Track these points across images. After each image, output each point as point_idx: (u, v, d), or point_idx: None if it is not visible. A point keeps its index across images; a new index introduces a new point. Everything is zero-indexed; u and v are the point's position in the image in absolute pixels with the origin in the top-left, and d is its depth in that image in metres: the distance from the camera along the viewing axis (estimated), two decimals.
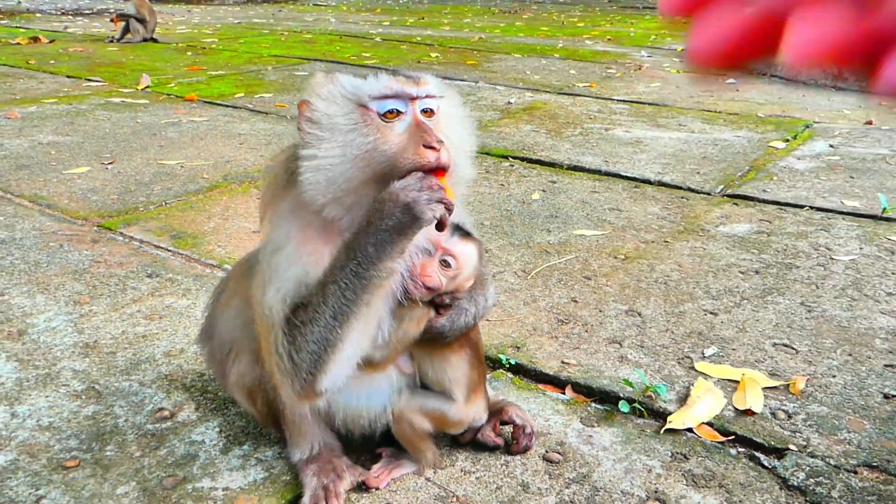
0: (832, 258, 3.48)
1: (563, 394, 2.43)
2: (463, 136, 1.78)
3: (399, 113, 1.64)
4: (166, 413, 2.28)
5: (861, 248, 3.59)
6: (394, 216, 1.56)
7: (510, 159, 5.07)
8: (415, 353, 1.95)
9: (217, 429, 2.21)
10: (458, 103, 1.82)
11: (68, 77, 7.86)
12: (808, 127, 6.06)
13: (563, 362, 2.58)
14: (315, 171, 1.61)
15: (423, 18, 15.24)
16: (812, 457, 2.11)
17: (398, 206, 1.56)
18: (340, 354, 1.64)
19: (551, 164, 4.96)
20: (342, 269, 1.61)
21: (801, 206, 4.18)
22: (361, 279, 1.60)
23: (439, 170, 1.62)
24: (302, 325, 1.62)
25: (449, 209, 1.59)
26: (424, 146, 1.60)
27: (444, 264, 1.80)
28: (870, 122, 6.20)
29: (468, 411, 2.01)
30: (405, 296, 1.78)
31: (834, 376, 2.52)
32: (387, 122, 1.63)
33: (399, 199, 1.56)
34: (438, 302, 1.83)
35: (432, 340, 1.88)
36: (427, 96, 1.67)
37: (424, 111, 1.67)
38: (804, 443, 2.17)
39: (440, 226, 1.60)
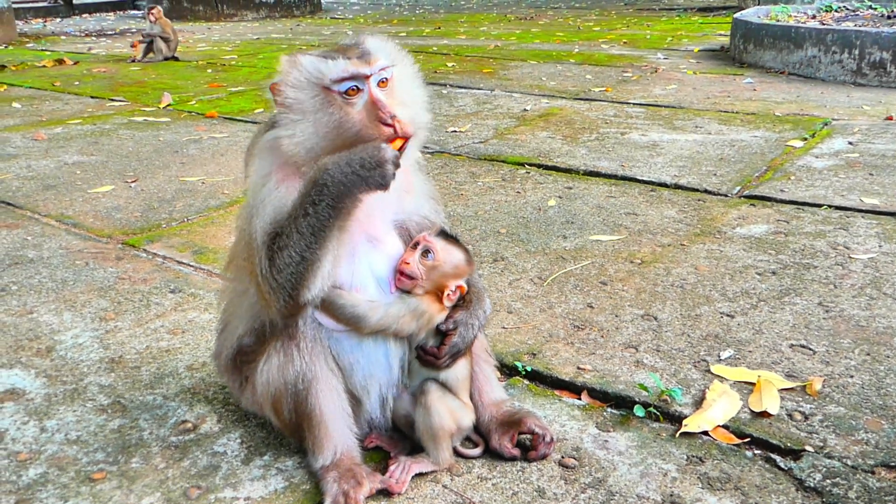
0: (851, 257, 3.47)
1: (579, 399, 2.45)
2: (416, 94, 2.03)
3: (358, 90, 1.88)
4: (189, 425, 2.33)
5: (880, 246, 3.57)
6: (367, 173, 1.80)
7: (526, 166, 5.10)
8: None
9: (238, 440, 2.26)
10: (410, 63, 2.06)
11: (92, 98, 8.01)
12: (826, 124, 6.03)
13: (578, 368, 2.60)
14: (294, 146, 1.89)
15: (439, 28, 15.32)
16: (829, 458, 2.11)
17: (373, 163, 1.80)
18: (318, 270, 1.87)
19: (567, 171, 4.98)
20: (313, 198, 1.83)
21: (820, 206, 4.16)
22: (329, 217, 1.83)
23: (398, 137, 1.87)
24: (279, 250, 1.85)
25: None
26: (381, 123, 1.86)
27: (424, 255, 2.02)
28: (890, 118, 6.15)
29: (471, 416, 2.14)
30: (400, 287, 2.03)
31: (852, 376, 2.52)
32: (348, 98, 1.88)
33: (376, 158, 1.80)
34: (444, 329, 2.04)
35: (452, 358, 2.07)
36: (380, 70, 1.89)
37: (381, 81, 1.90)
38: (821, 444, 2.17)
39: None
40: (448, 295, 2.04)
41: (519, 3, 22.30)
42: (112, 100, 7.84)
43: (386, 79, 1.92)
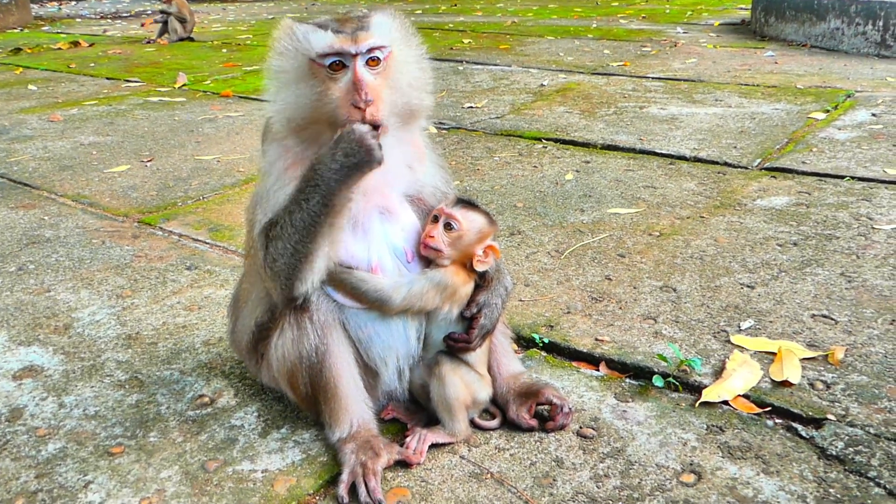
0: (874, 227, 3.41)
1: (597, 370, 2.42)
2: (414, 77, 1.96)
3: (343, 66, 1.84)
4: (206, 399, 2.33)
5: None
6: (355, 154, 1.78)
7: (543, 141, 5.05)
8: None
9: (255, 413, 2.25)
10: (416, 43, 1.98)
11: (108, 79, 8.02)
12: (849, 96, 5.92)
13: (596, 339, 2.57)
14: (276, 113, 1.90)
15: (455, 5, 15.19)
16: (851, 426, 2.08)
17: (355, 147, 1.77)
18: (310, 264, 1.87)
19: (585, 145, 4.93)
20: (306, 194, 1.82)
21: (842, 177, 4.09)
22: (324, 205, 1.81)
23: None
24: (273, 240, 1.87)
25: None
26: (353, 105, 1.81)
27: (448, 227, 2.00)
28: None
29: (488, 390, 2.13)
30: (424, 260, 2.03)
31: (874, 346, 2.48)
32: (332, 73, 1.84)
33: (355, 141, 1.77)
34: (467, 315, 2.04)
35: (482, 340, 2.07)
36: (369, 50, 1.83)
37: (371, 60, 1.85)
38: (843, 412, 2.14)
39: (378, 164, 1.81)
40: (479, 260, 2.02)
41: None
42: (127, 81, 7.85)
43: (377, 58, 1.85)
